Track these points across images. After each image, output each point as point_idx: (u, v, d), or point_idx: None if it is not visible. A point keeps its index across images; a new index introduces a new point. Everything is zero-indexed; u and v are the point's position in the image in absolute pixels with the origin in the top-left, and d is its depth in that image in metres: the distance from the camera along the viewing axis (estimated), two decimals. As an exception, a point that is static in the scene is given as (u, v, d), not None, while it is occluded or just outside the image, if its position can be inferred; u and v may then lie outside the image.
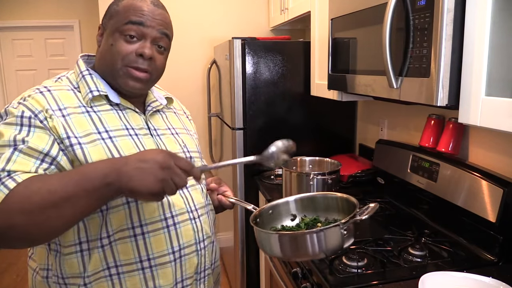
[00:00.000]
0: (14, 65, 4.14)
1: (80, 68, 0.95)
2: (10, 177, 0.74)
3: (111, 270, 0.86)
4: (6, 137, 0.79)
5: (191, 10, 2.95)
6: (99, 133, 0.87)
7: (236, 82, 2.13)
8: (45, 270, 0.88)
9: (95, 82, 0.92)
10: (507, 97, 0.82)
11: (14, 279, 3.02)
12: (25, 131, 0.81)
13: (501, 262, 1.16)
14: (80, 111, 0.89)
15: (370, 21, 1.27)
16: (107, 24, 0.93)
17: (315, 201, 1.06)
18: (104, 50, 0.92)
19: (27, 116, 0.83)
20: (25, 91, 0.92)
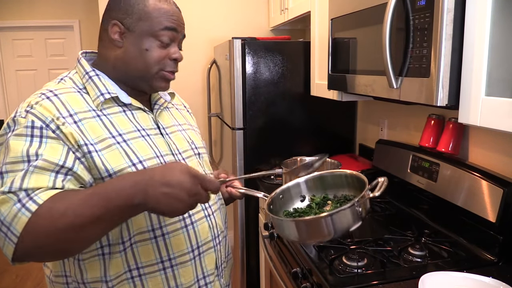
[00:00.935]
0: (14, 65, 4.14)
1: (84, 68, 0.91)
2: (30, 197, 0.72)
3: (133, 272, 0.86)
4: (18, 152, 0.76)
5: (191, 10, 2.95)
6: (113, 137, 0.86)
7: (236, 82, 2.13)
8: (63, 276, 0.88)
9: (104, 84, 0.89)
10: (507, 97, 0.82)
11: (14, 279, 3.02)
12: (36, 143, 0.78)
13: (501, 262, 1.16)
14: (91, 116, 0.86)
15: (370, 21, 1.26)
16: (135, 26, 0.88)
17: (324, 180, 1.05)
18: (134, 54, 0.89)
19: (37, 126, 0.79)
20: (29, 96, 0.86)
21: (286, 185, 1.06)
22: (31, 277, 3.05)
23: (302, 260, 1.29)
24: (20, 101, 4.00)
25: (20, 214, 0.71)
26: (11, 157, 0.76)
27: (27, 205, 0.71)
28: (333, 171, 1.06)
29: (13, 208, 0.71)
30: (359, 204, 0.88)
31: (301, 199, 1.06)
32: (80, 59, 0.94)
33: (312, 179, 1.06)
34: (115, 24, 0.89)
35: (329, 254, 1.23)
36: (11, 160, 0.76)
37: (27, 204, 0.71)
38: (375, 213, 1.60)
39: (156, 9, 0.89)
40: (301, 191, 1.06)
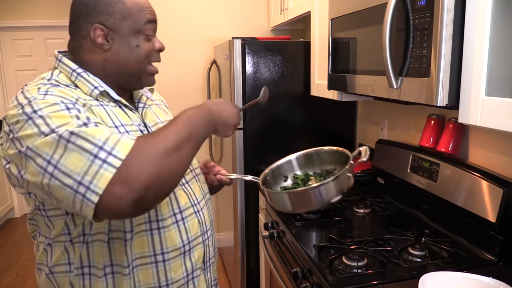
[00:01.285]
0: (14, 65, 4.14)
1: (70, 66, 0.88)
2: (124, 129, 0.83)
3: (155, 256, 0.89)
4: (67, 116, 0.73)
5: (191, 10, 2.95)
6: (116, 127, 0.86)
7: (236, 82, 2.13)
8: (67, 264, 0.87)
9: (94, 79, 0.88)
10: (507, 97, 0.82)
11: (14, 279, 3.02)
12: (75, 110, 0.76)
13: (501, 262, 1.16)
14: (96, 104, 0.86)
15: (370, 21, 1.27)
16: (120, 25, 0.87)
17: (310, 157, 1.14)
18: (125, 53, 0.89)
19: (67, 101, 0.77)
20: (21, 91, 0.81)
21: (274, 164, 1.14)
22: (31, 276, 3.04)
23: (302, 260, 1.29)
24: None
25: (125, 138, 0.73)
26: (60, 121, 0.73)
27: (126, 135, 0.78)
28: (318, 149, 1.12)
29: (112, 136, 0.72)
30: (343, 176, 0.96)
31: (284, 179, 1.15)
32: (62, 58, 0.90)
33: (300, 157, 1.14)
34: (97, 28, 0.87)
35: (329, 254, 1.23)
36: (63, 122, 0.72)
37: (125, 135, 0.75)
38: (375, 213, 1.60)
39: (132, 4, 0.89)
40: (292, 168, 1.14)
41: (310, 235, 1.42)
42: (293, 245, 1.39)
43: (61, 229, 0.85)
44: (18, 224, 4.13)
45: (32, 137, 0.72)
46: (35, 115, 0.73)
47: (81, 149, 0.70)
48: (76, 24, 0.88)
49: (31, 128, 0.72)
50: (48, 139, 0.71)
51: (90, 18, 0.87)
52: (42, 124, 0.72)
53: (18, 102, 0.77)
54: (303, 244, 1.31)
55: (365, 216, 1.57)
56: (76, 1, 0.89)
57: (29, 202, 0.86)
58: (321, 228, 1.46)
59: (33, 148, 0.71)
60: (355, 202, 1.69)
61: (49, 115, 0.73)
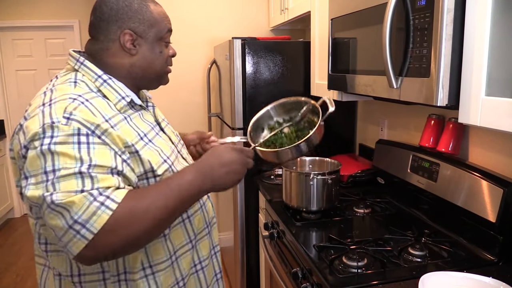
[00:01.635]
0: (14, 65, 4.14)
1: (95, 71, 0.91)
2: (107, 196, 0.75)
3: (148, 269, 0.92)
4: (71, 157, 0.76)
5: (191, 10, 2.95)
6: (141, 138, 0.91)
7: (236, 82, 2.13)
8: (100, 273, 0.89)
9: (119, 87, 0.92)
10: (507, 97, 0.82)
11: (14, 279, 3.02)
12: (85, 149, 0.78)
13: (501, 262, 1.16)
14: (120, 119, 0.89)
15: (370, 21, 1.27)
16: (148, 32, 0.93)
17: (285, 105, 1.28)
18: (151, 58, 0.95)
19: (84, 133, 0.79)
20: (49, 99, 0.83)
21: (257, 115, 1.27)
22: (31, 276, 3.05)
23: (302, 260, 1.29)
24: (21, 101, 3.94)
25: (100, 212, 0.73)
26: (64, 163, 0.76)
27: (107, 203, 0.74)
28: (288, 99, 1.27)
29: (91, 206, 0.73)
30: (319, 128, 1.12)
31: (261, 131, 1.28)
32: (84, 61, 0.92)
33: (276, 106, 1.28)
34: (127, 33, 0.91)
35: (329, 254, 1.23)
36: (65, 165, 0.75)
37: (106, 202, 0.74)
38: (375, 213, 1.60)
39: (157, 13, 0.95)
40: (271, 116, 1.29)
41: (310, 235, 1.42)
42: (293, 245, 1.39)
43: None
44: (18, 224, 4.13)
45: (33, 169, 0.77)
46: (46, 147, 0.76)
47: (59, 217, 0.74)
48: (104, 28, 0.92)
49: (38, 159, 0.77)
50: (35, 194, 0.75)
51: (121, 24, 0.91)
52: (48, 161, 0.76)
53: (42, 119, 0.79)
54: (303, 244, 1.31)
55: (365, 216, 1.57)
56: (104, 5, 0.92)
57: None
58: (321, 228, 1.46)
59: (26, 187, 0.77)
60: (355, 202, 1.69)
61: (57, 151, 0.76)
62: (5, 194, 4.14)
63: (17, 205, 4.33)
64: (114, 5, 0.91)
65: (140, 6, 0.93)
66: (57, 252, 0.89)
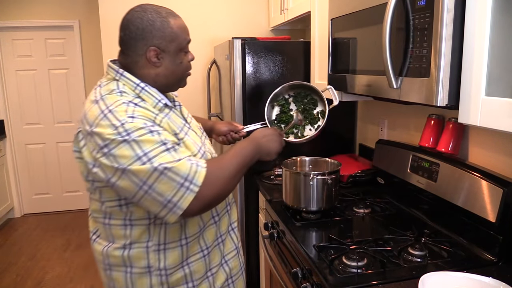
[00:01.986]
0: (14, 65, 4.13)
1: (133, 80, 1.08)
2: (196, 161, 1.00)
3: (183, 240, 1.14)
4: (154, 141, 0.97)
5: (191, 10, 2.95)
6: (181, 131, 1.11)
7: (236, 82, 2.13)
8: (145, 242, 1.09)
9: (155, 92, 1.09)
10: (507, 97, 0.82)
11: (14, 278, 3.02)
12: (156, 133, 0.98)
13: (501, 262, 1.16)
14: (162, 116, 1.07)
15: (370, 21, 1.27)
16: (169, 46, 1.08)
17: (292, 87, 1.58)
18: (173, 68, 1.11)
19: (149, 124, 0.99)
20: (106, 107, 0.99)
21: (270, 96, 1.57)
22: (31, 276, 3.05)
23: (302, 260, 1.29)
24: (21, 101, 3.95)
25: (199, 170, 0.99)
26: (150, 146, 0.95)
27: (200, 164, 1.00)
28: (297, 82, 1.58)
29: (193, 167, 0.98)
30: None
31: (271, 108, 1.59)
32: (124, 72, 1.08)
33: (286, 87, 1.58)
34: (152, 49, 1.06)
35: (329, 254, 1.23)
36: (152, 148, 0.95)
37: (199, 163, 1.00)
38: (375, 213, 1.60)
39: (177, 27, 1.10)
40: (282, 93, 1.59)
41: (310, 235, 1.42)
42: (293, 245, 1.39)
43: (143, 214, 1.07)
44: (18, 224, 4.14)
45: (128, 158, 0.94)
46: (129, 138, 0.95)
47: (172, 179, 0.95)
48: (133, 45, 1.07)
49: (127, 150, 0.95)
50: (144, 167, 0.94)
51: (146, 41, 1.06)
52: (137, 148, 0.95)
53: (111, 122, 0.96)
54: (303, 244, 1.31)
55: (365, 216, 1.57)
56: (131, 25, 1.06)
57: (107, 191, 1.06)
58: (321, 228, 1.46)
59: (131, 170, 0.94)
60: (355, 202, 1.69)
61: (140, 140, 0.95)
62: (5, 194, 4.14)
63: (17, 205, 4.33)
64: (140, 25, 1.05)
65: (162, 23, 1.06)
66: (119, 226, 1.09)
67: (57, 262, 3.28)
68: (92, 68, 4.25)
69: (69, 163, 4.41)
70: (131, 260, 1.10)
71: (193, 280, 1.16)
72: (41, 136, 4.32)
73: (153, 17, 1.06)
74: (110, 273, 1.13)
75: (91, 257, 3.35)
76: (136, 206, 1.05)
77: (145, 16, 1.06)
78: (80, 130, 1.04)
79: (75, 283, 2.95)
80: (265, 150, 1.20)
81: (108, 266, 1.13)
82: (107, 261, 1.13)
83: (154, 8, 1.08)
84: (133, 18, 1.06)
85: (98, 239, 1.16)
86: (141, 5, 1.09)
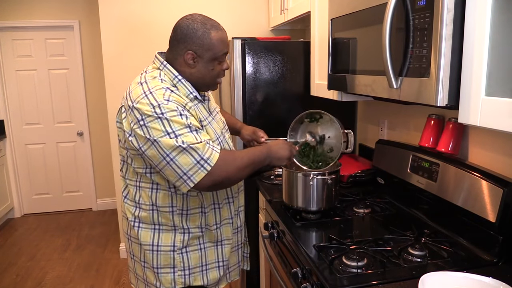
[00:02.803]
0: (14, 65, 4.13)
1: (173, 72, 1.28)
2: (212, 145, 1.20)
3: (215, 204, 1.40)
4: (182, 123, 1.17)
5: (191, 10, 2.95)
6: (205, 119, 1.31)
7: (236, 82, 2.13)
8: (170, 207, 1.32)
9: (189, 85, 1.29)
10: (507, 97, 0.82)
11: (14, 278, 3.02)
12: (185, 117, 1.19)
13: (501, 262, 1.16)
14: (191, 105, 1.27)
15: (370, 21, 1.27)
16: (205, 54, 1.26)
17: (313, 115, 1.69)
18: (204, 73, 1.30)
19: (181, 109, 1.20)
20: (148, 89, 1.21)
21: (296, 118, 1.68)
22: (31, 276, 3.05)
23: (302, 260, 1.29)
24: (21, 101, 3.95)
25: (214, 153, 1.19)
26: (178, 126, 1.16)
27: (215, 149, 1.20)
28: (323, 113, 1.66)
29: (209, 149, 1.18)
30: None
31: (296, 132, 1.70)
32: (166, 64, 1.29)
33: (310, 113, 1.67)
34: (189, 53, 1.26)
35: (329, 254, 1.23)
36: (180, 128, 1.16)
37: (215, 148, 1.20)
38: (375, 213, 1.60)
39: (216, 39, 1.26)
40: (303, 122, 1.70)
41: (310, 235, 1.42)
42: (293, 245, 1.39)
43: (166, 182, 1.29)
44: (18, 224, 4.14)
45: (159, 131, 1.16)
46: (162, 117, 1.16)
47: (191, 155, 1.16)
48: (176, 45, 1.28)
49: (159, 125, 1.16)
50: (171, 141, 1.15)
51: (186, 45, 1.26)
52: (167, 126, 1.16)
53: (150, 102, 1.17)
54: (303, 244, 1.31)
55: (365, 216, 1.57)
56: (179, 29, 1.27)
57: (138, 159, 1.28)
58: (321, 228, 1.46)
59: (159, 142, 1.16)
60: (355, 202, 1.69)
61: (171, 119, 1.16)
62: (5, 194, 4.14)
63: (17, 205, 4.34)
64: (185, 30, 1.25)
65: (203, 33, 1.24)
66: (147, 189, 1.32)
67: (57, 262, 3.28)
68: (92, 68, 4.25)
69: (69, 163, 4.41)
70: (159, 220, 1.33)
71: (205, 242, 1.40)
72: (41, 136, 4.32)
73: (198, 26, 1.25)
74: (138, 230, 1.35)
75: (91, 257, 3.35)
76: (159, 175, 1.27)
77: (191, 25, 1.25)
78: (123, 105, 1.26)
79: (75, 283, 2.95)
80: (275, 155, 1.36)
81: (138, 224, 1.35)
82: (137, 220, 1.35)
83: (202, 20, 1.27)
84: (182, 23, 1.27)
85: (127, 200, 1.39)
86: (192, 15, 1.29)
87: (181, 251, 1.36)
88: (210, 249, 1.42)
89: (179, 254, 1.36)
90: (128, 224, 1.39)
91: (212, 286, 1.45)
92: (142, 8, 2.91)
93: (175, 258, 1.35)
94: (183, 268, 1.37)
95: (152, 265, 1.35)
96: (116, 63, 2.94)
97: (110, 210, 4.50)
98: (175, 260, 1.35)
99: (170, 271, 1.36)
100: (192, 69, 1.29)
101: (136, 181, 1.33)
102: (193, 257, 1.38)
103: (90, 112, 4.35)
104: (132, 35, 2.93)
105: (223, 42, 1.28)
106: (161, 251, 1.34)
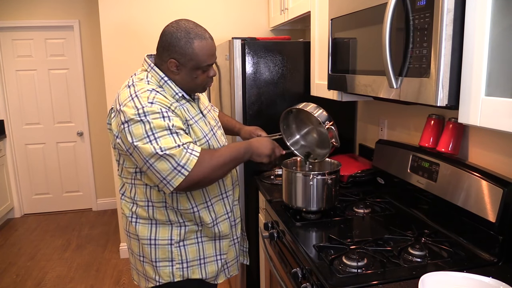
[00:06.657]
0: (14, 65, 4.13)
1: (159, 74, 1.31)
2: (192, 148, 1.22)
3: (206, 202, 1.41)
4: (163, 126, 1.19)
5: (191, 10, 2.95)
6: (190, 119, 1.32)
7: (236, 82, 2.13)
8: (164, 202, 1.35)
9: (175, 86, 1.31)
10: (507, 97, 0.82)
11: (14, 278, 3.02)
12: (167, 119, 1.21)
13: (501, 262, 1.16)
14: (177, 105, 1.29)
15: (370, 21, 1.27)
16: (187, 63, 1.27)
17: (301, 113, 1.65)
18: (187, 80, 1.32)
19: (164, 110, 1.22)
20: (134, 92, 1.24)
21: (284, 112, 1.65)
22: (31, 276, 3.05)
23: (302, 260, 1.29)
24: (21, 101, 3.95)
25: (191, 158, 1.20)
26: (159, 129, 1.19)
27: (194, 153, 1.21)
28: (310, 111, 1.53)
29: (186, 155, 1.20)
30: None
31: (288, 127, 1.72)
32: (154, 66, 1.32)
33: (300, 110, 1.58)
34: (172, 61, 1.28)
35: (329, 254, 1.23)
36: (160, 131, 1.18)
37: (193, 152, 1.22)
38: (375, 213, 1.60)
39: (200, 49, 1.26)
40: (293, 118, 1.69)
41: (310, 235, 1.42)
42: (293, 245, 1.39)
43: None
44: (18, 224, 4.14)
45: (140, 135, 1.19)
46: (144, 119, 1.19)
47: (168, 162, 1.19)
48: (161, 52, 1.30)
49: (141, 128, 1.19)
50: (149, 148, 1.18)
51: (169, 53, 1.27)
52: (148, 129, 1.19)
53: (135, 105, 1.21)
54: (303, 244, 1.31)
55: (365, 216, 1.57)
56: (164, 36, 1.28)
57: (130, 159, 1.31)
58: (321, 228, 1.46)
59: (139, 148, 1.19)
60: (355, 202, 1.69)
61: (152, 122, 1.19)
62: (5, 194, 4.14)
63: (17, 205, 4.34)
64: (168, 38, 1.26)
65: (185, 43, 1.25)
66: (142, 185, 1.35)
67: (57, 262, 3.28)
68: (92, 68, 4.25)
69: (69, 163, 4.41)
70: (155, 216, 1.36)
71: (202, 236, 1.43)
72: (41, 136, 4.32)
73: (181, 35, 1.25)
74: (136, 225, 1.39)
75: (91, 257, 3.35)
76: (147, 175, 1.31)
77: (174, 33, 1.25)
78: (113, 107, 1.30)
79: (75, 283, 2.95)
80: (256, 151, 1.37)
81: (135, 219, 1.39)
82: (135, 215, 1.39)
83: (187, 28, 1.26)
84: (167, 31, 1.28)
85: (124, 197, 1.43)
86: (178, 22, 1.28)
87: (178, 244, 1.38)
88: (208, 243, 1.44)
89: (176, 248, 1.38)
90: (126, 221, 1.42)
91: (210, 280, 1.47)
92: (142, 9, 2.91)
93: (173, 252, 1.38)
94: (181, 261, 1.39)
95: (151, 258, 1.38)
96: (116, 63, 2.94)
97: (110, 210, 4.50)
98: (173, 253, 1.38)
99: (168, 264, 1.38)
100: (176, 76, 1.31)
101: (131, 179, 1.36)
102: (190, 250, 1.40)
103: (90, 112, 4.35)
104: (132, 36, 2.93)
105: (207, 52, 1.28)
106: (159, 244, 1.37)
